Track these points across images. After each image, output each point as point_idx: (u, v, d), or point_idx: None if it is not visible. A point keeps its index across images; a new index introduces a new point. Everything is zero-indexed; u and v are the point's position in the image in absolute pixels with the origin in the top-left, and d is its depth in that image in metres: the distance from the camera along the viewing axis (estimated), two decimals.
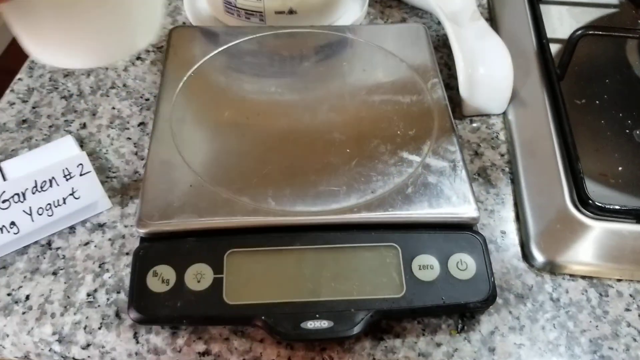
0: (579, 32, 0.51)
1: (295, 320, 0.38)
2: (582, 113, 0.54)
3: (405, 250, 0.40)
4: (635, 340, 0.40)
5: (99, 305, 0.41)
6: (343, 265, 0.40)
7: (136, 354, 0.39)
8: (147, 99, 0.55)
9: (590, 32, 0.52)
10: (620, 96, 0.55)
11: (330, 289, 0.39)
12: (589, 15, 0.64)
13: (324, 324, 0.38)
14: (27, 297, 0.41)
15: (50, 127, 0.52)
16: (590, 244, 0.43)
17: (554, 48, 0.60)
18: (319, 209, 0.41)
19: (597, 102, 0.55)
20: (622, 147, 0.51)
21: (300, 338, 0.38)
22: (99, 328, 0.40)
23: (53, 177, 0.43)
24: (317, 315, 0.38)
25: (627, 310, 0.41)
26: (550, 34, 0.60)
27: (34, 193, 0.42)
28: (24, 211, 0.42)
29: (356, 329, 0.37)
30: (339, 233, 0.41)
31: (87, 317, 0.40)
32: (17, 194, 0.42)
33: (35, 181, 0.42)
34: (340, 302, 0.38)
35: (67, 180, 0.43)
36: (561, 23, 0.63)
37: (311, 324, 0.38)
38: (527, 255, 0.44)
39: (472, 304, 0.39)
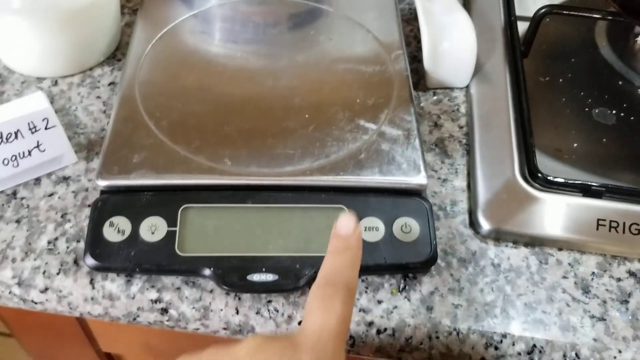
0: (543, 10, 0.52)
1: (242, 272, 0.40)
2: (545, 90, 0.55)
3: (352, 212, 0.42)
4: (568, 305, 0.42)
5: (58, 253, 0.42)
6: (291, 224, 0.41)
7: (92, 299, 0.41)
8: (119, 60, 0.56)
9: (554, 11, 0.53)
10: (584, 76, 0.57)
11: (278, 246, 0.41)
12: None
13: (269, 277, 0.39)
14: None
15: (22, 83, 0.53)
16: (536, 215, 0.45)
17: (524, 26, 0.61)
18: (272, 171, 0.43)
19: (561, 80, 0.56)
20: (580, 124, 0.53)
21: (246, 289, 0.40)
22: (57, 273, 0.41)
23: (18, 130, 0.44)
24: (264, 269, 0.40)
25: (564, 277, 0.43)
26: (522, 12, 0.61)
27: None
28: None
29: (300, 283, 0.39)
30: (290, 194, 0.42)
31: (46, 263, 0.42)
32: None
33: (1, 133, 0.44)
34: (286, 258, 0.40)
35: (32, 133, 0.44)
36: (534, 2, 0.64)
37: (257, 277, 0.39)
38: (474, 223, 0.46)
39: (413, 265, 0.41)
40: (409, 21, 0.61)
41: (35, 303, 0.42)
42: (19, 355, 1.22)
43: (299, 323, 0.40)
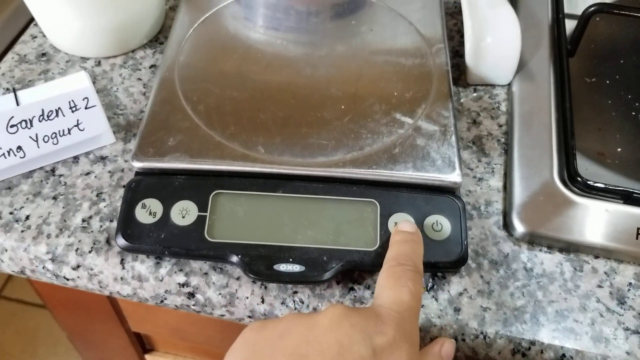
0: (592, 8, 0.50)
1: (269, 261, 0.40)
2: (590, 91, 0.54)
3: (383, 207, 0.41)
4: (601, 315, 0.40)
5: (92, 231, 0.43)
6: (321, 215, 0.41)
7: (121, 278, 0.42)
8: (162, 43, 0.56)
9: (604, 10, 0.51)
10: (632, 78, 0.55)
11: (306, 237, 0.41)
12: None
13: (295, 267, 0.39)
14: (27, 217, 0.44)
15: (67, 62, 0.54)
16: (573, 220, 0.43)
17: (572, 24, 0.59)
18: (305, 161, 0.43)
19: (608, 81, 0.54)
20: (625, 128, 0.51)
21: (272, 279, 0.40)
22: (90, 252, 0.42)
23: (59, 108, 0.45)
24: (291, 260, 0.40)
25: (599, 287, 0.42)
26: (571, 9, 0.60)
27: (40, 121, 0.45)
28: (30, 137, 0.45)
29: (326, 276, 0.39)
30: (321, 185, 0.42)
31: (79, 241, 0.43)
32: (25, 121, 0.44)
33: (42, 110, 0.45)
34: (314, 249, 0.40)
35: (72, 112, 0.45)
36: (585, 0, 0.62)
37: (284, 267, 0.39)
38: (507, 225, 0.45)
39: (442, 264, 0.40)
40: (454, 15, 0.60)
41: (67, 279, 0.43)
42: (54, 326, 1.26)
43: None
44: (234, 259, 0.40)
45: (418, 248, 0.38)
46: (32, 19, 0.57)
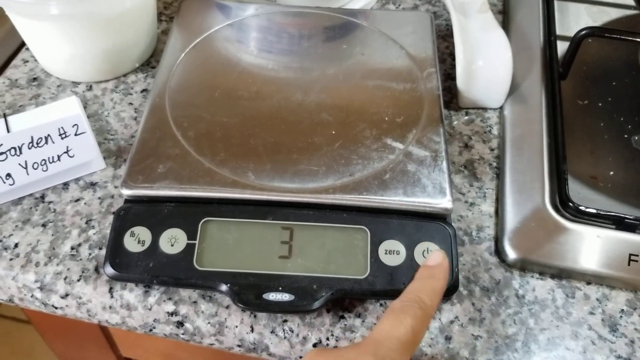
0: (583, 32, 0.50)
1: (258, 290, 0.39)
2: (583, 114, 0.54)
3: (374, 234, 0.41)
4: (593, 343, 0.40)
5: (80, 259, 0.43)
6: (311, 242, 0.41)
7: (110, 307, 0.41)
8: (154, 67, 0.56)
9: (596, 34, 0.51)
10: (625, 100, 0.55)
11: (296, 264, 0.40)
12: (607, 15, 0.63)
13: (285, 296, 0.39)
14: (16, 245, 0.44)
15: (58, 86, 0.54)
16: (564, 246, 0.43)
17: (564, 46, 0.59)
18: (295, 187, 0.43)
19: (600, 104, 0.54)
20: (618, 151, 0.51)
21: (261, 308, 0.39)
22: (78, 280, 0.42)
23: (49, 135, 0.45)
24: (280, 288, 0.39)
25: (591, 313, 0.41)
26: (563, 31, 0.60)
27: (30, 148, 0.44)
28: (19, 164, 0.44)
29: (316, 305, 0.39)
30: (312, 211, 0.42)
31: (68, 269, 0.42)
32: (14, 148, 0.44)
33: (32, 137, 0.44)
34: (303, 277, 0.40)
35: (62, 138, 0.45)
36: (577, 22, 0.62)
37: (273, 296, 0.39)
38: (499, 251, 0.44)
39: None
40: (445, 37, 0.60)
41: (56, 308, 0.42)
42: (36, 342, 1.25)
43: (314, 345, 0.40)
44: (223, 287, 0.39)
45: (434, 283, 0.37)
46: (23, 43, 0.57)
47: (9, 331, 1.32)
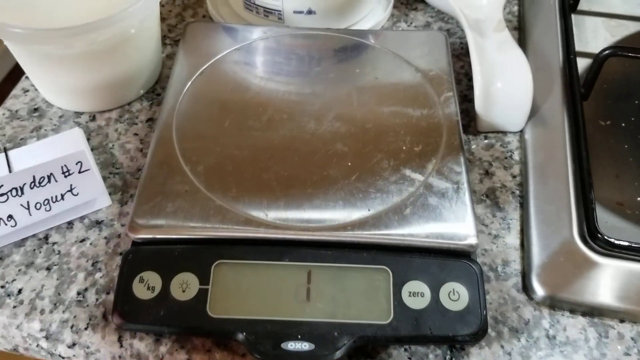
0: (607, 52, 0.48)
1: (276, 339, 0.37)
2: (606, 135, 0.51)
3: (396, 275, 0.39)
4: None
5: (87, 305, 0.41)
6: (330, 285, 0.39)
7: (119, 357, 0.39)
8: (159, 94, 0.54)
9: (619, 53, 0.49)
10: None
11: (315, 309, 0.38)
12: (625, 29, 0.61)
13: (304, 345, 0.37)
14: (20, 291, 0.41)
15: (60, 117, 0.52)
16: (595, 281, 0.41)
17: (584, 62, 0.57)
18: (312, 225, 0.40)
19: (623, 124, 0.52)
20: None
21: (280, 359, 0.37)
22: (86, 328, 0.40)
23: (51, 173, 0.43)
24: (299, 337, 0.37)
25: (627, 354, 0.39)
26: (581, 47, 0.58)
27: (32, 188, 0.42)
28: (21, 205, 0.42)
29: (338, 354, 0.37)
30: (330, 251, 0.40)
31: (75, 317, 0.40)
32: (15, 188, 0.42)
33: (34, 176, 0.42)
34: (323, 324, 0.38)
35: (65, 177, 0.43)
36: (595, 36, 0.60)
37: (292, 345, 0.37)
38: (527, 287, 0.42)
39: (461, 337, 0.37)
40: (460, 57, 0.58)
41: (63, 358, 0.40)
42: None
43: None
44: (239, 336, 0.37)
45: None
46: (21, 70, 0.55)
47: None
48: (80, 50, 0.46)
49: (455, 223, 0.41)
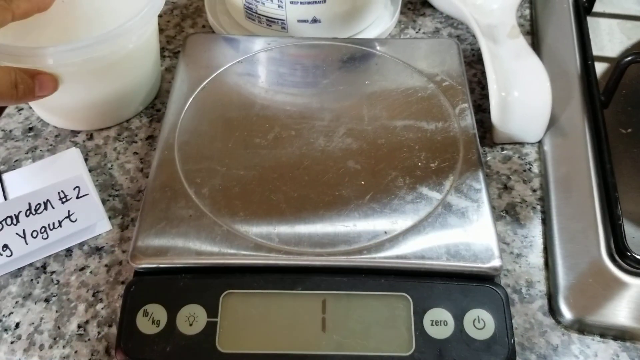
0: (629, 58, 0.46)
1: None
2: (628, 144, 0.49)
3: (417, 302, 0.37)
4: None
5: (89, 339, 0.39)
6: (348, 315, 0.36)
7: None
8: (159, 110, 0.52)
9: None
10: None
11: (331, 342, 0.36)
12: None
13: None
14: (17, 325, 0.39)
15: (56, 136, 0.50)
16: (626, 303, 0.39)
17: (601, 67, 0.55)
18: (325, 250, 0.38)
19: None
20: None
21: None
22: None
23: (48, 200, 0.40)
24: None
25: None
26: (597, 51, 0.55)
27: (27, 216, 0.40)
28: (17, 234, 0.40)
29: None
30: (345, 278, 0.38)
31: (76, 352, 0.38)
32: (10, 217, 0.40)
33: (29, 203, 0.40)
34: (341, 357, 0.35)
35: (62, 203, 0.41)
36: (610, 39, 0.58)
37: None
38: (554, 310, 0.40)
39: None
40: (472, 64, 0.55)
41: None
42: None
43: None
44: None
45: None
46: None
47: None
48: (77, 68, 0.44)
49: (477, 244, 0.38)
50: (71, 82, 0.45)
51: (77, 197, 0.41)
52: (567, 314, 0.39)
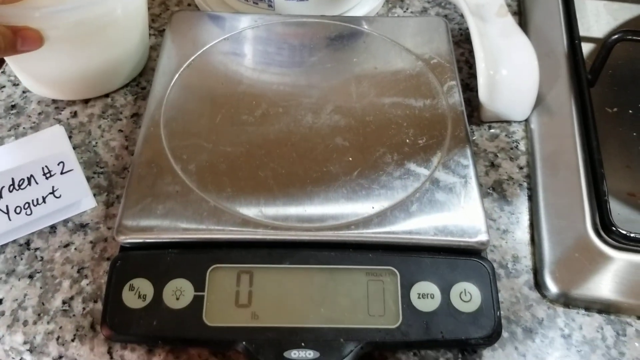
0: (615, 36, 0.46)
1: (279, 348, 0.35)
2: (613, 123, 0.49)
3: (404, 276, 0.37)
4: None
5: (73, 315, 0.38)
6: (334, 288, 0.36)
7: None
8: (144, 88, 0.51)
9: (628, 38, 0.47)
10: None
11: (319, 315, 0.36)
12: (628, 12, 0.59)
13: (309, 354, 0.35)
14: (0, 302, 0.39)
15: (39, 114, 0.49)
16: (611, 277, 0.39)
17: (588, 47, 0.55)
18: (313, 225, 0.38)
19: (630, 111, 0.50)
20: None
21: None
22: (72, 340, 0.37)
23: (32, 175, 0.40)
24: (303, 344, 0.35)
25: None
26: (584, 32, 0.56)
27: (10, 191, 0.39)
28: (0, 210, 0.39)
29: None
30: (333, 252, 0.37)
31: (60, 328, 0.38)
32: None
33: (12, 179, 0.39)
34: (328, 330, 0.35)
35: (47, 178, 0.40)
36: (597, 20, 0.58)
37: (295, 354, 0.35)
38: (539, 284, 0.40)
39: (474, 340, 0.35)
40: (459, 43, 0.55)
41: None
42: None
43: None
44: (239, 346, 0.35)
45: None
46: None
47: None
48: (63, 32, 0.43)
49: (464, 219, 0.38)
50: (58, 47, 0.44)
51: (62, 173, 0.41)
52: (552, 287, 0.39)
